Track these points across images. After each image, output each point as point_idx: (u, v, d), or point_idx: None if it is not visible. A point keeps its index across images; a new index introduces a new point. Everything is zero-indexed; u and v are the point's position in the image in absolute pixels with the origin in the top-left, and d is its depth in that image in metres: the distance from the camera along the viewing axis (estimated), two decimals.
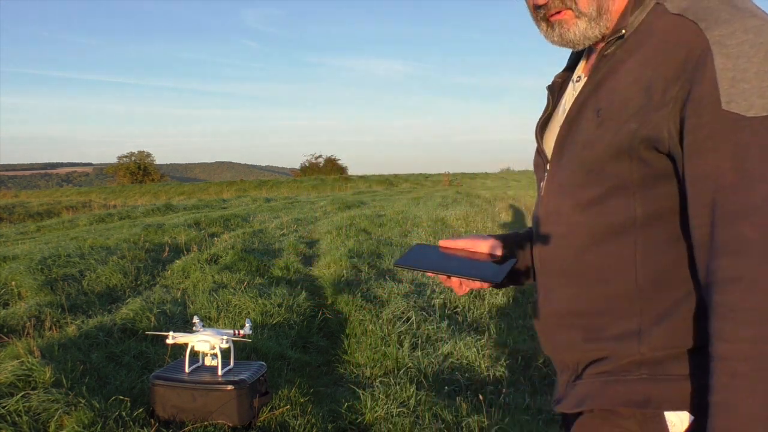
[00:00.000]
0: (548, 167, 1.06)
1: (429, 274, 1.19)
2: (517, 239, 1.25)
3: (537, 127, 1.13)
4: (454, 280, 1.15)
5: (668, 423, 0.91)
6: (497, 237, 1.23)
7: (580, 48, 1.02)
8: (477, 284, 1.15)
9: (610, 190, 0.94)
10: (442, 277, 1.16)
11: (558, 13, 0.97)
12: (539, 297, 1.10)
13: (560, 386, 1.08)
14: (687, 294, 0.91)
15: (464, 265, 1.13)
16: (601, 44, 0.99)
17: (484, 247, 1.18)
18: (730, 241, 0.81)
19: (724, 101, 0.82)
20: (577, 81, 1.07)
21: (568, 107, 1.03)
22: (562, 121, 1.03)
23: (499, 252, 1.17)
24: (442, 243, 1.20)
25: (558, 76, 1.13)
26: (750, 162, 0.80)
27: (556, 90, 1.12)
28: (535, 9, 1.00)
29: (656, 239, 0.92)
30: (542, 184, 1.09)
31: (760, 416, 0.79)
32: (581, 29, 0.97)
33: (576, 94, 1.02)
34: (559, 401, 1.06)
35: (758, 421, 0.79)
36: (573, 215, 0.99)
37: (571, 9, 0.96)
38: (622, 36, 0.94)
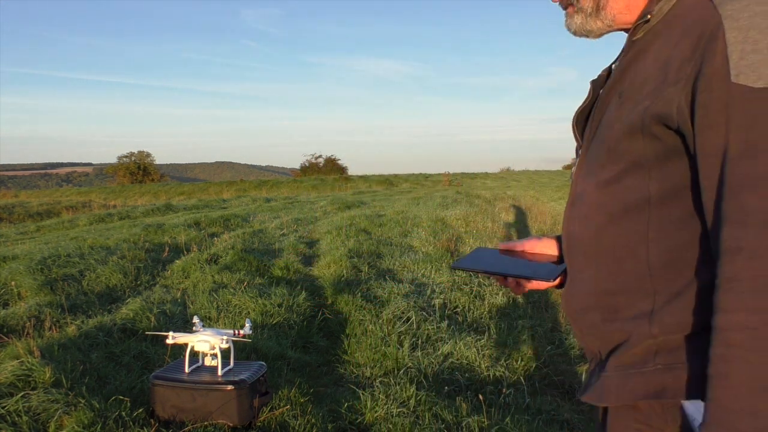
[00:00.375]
0: (580, 152, 1.09)
1: (484, 274, 1.21)
2: None
3: (574, 116, 1.14)
4: (510, 280, 1.17)
5: (687, 411, 0.91)
6: (555, 237, 1.25)
7: (592, 38, 1.07)
8: (534, 284, 1.17)
9: (626, 168, 0.95)
10: (500, 279, 1.19)
11: (568, 6, 1.06)
12: (567, 281, 1.11)
13: (588, 374, 1.09)
14: (699, 275, 0.90)
15: (519, 266, 1.16)
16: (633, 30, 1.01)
17: (542, 247, 1.20)
18: (734, 212, 0.81)
19: (734, 74, 0.82)
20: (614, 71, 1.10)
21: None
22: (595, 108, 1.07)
23: (555, 252, 1.19)
24: (502, 245, 1.24)
25: (604, 70, 1.14)
26: (756, 133, 0.80)
27: (600, 84, 1.12)
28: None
29: (669, 218, 0.93)
30: (573, 168, 1.11)
31: (752, 387, 0.78)
32: (578, 22, 1.05)
33: (608, 82, 1.05)
34: (584, 390, 1.07)
35: (750, 392, 0.78)
36: (594, 195, 1.01)
37: (572, 4, 1.05)
38: (648, 20, 0.96)
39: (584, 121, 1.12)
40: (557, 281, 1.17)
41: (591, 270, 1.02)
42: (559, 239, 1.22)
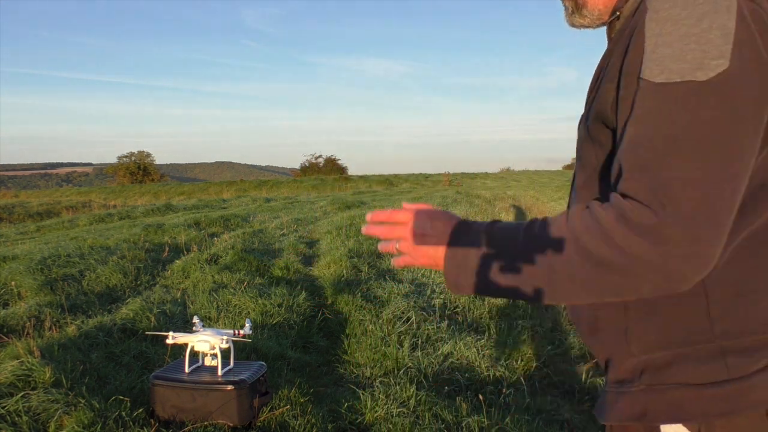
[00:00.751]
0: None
1: None
2: None
3: (580, 119, 1.13)
4: None
5: None
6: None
7: (591, 29, 1.05)
8: None
9: (591, 175, 0.95)
10: None
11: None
12: None
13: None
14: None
15: None
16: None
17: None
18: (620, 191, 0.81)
19: (642, 68, 0.80)
20: None
21: None
22: None
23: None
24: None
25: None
26: (644, 127, 0.78)
27: None
28: None
29: None
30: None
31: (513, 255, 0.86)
32: (567, 18, 1.04)
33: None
34: (593, 404, 1.06)
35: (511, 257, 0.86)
36: (573, 204, 1.00)
37: (563, 0, 1.05)
38: (618, 17, 0.95)
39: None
40: None
41: None
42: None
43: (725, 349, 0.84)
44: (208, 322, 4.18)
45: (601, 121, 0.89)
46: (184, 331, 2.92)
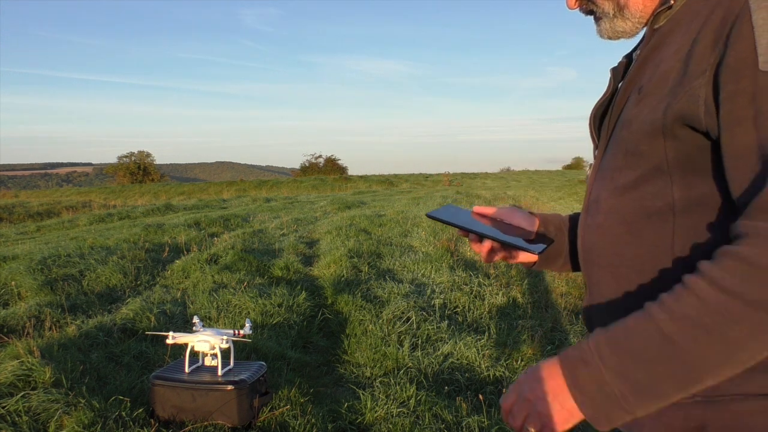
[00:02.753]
0: (596, 153, 1.01)
1: (461, 232, 1.10)
2: (558, 222, 1.15)
3: (592, 112, 1.04)
4: (486, 244, 1.08)
5: None
6: (536, 214, 1.15)
7: (627, 38, 0.99)
8: (522, 256, 1.08)
9: (647, 173, 0.86)
10: (474, 242, 1.09)
11: (590, 13, 1.00)
12: (586, 293, 1.02)
13: None
14: None
15: (501, 232, 1.06)
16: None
17: (519, 220, 1.11)
18: (764, 204, 0.71)
19: (762, 61, 0.73)
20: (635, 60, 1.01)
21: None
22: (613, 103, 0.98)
23: (533, 229, 1.10)
24: (476, 209, 1.13)
25: (625, 57, 1.04)
26: None
27: (620, 71, 1.02)
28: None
29: (696, 228, 0.83)
30: (589, 172, 1.03)
31: (655, 344, 0.75)
32: (606, 27, 0.98)
33: (628, 74, 0.97)
34: None
35: (653, 348, 0.75)
36: (610, 201, 0.92)
37: (593, 12, 0.99)
38: (670, 6, 0.89)
39: (602, 117, 1.03)
40: (539, 255, 1.09)
41: (610, 284, 0.92)
42: (540, 216, 1.14)
43: None
44: (208, 322, 4.18)
45: (686, 121, 0.80)
46: (184, 331, 2.92)
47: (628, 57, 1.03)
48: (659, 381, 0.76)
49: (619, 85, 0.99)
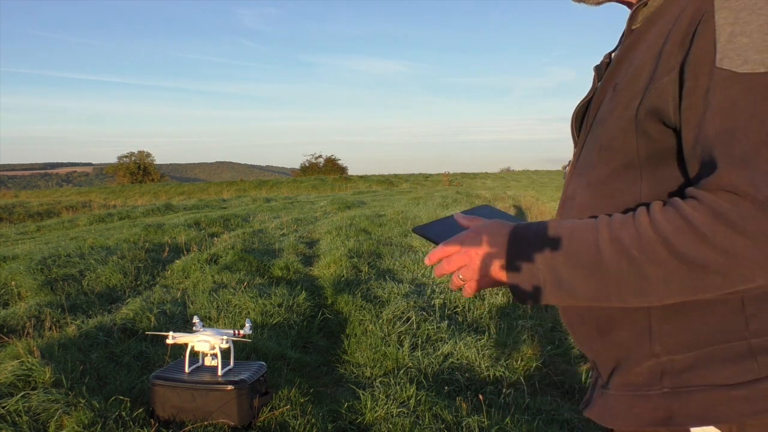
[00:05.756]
0: (575, 151, 1.03)
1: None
2: None
3: (574, 111, 1.07)
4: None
5: None
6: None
7: (590, 4, 1.01)
8: None
9: (618, 169, 0.90)
10: None
11: None
12: None
13: (590, 387, 1.04)
14: None
15: None
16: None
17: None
18: (715, 182, 0.76)
19: (718, 58, 0.77)
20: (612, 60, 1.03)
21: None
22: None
23: None
24: (457, 216, 1.13)
25: (606, 56, 1.07)
26: (734, 119, 0.75)
27: (602, 70, 1.04)
28: None
29: None
30: (568, 168, 1.06)
31: (591, 253, 0.82)
32: None
33: (606, 73, 0.98)
34: (586, 405, 1.02)
35: (588, 253, 0.82)
36: (583, 197, 0.95)
37: None
38: (646, 3, 0.92)
39: (583, 116, 1.06)
40: None
41: None
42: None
43: (754, 348, 0.83)
44: (208, 322, 4.18)
45: (657, 117, 0.84)
46: (184, 331, 2.92)
47: (609, 58, 1.05)
48: (577, 285, 0.84)
49: (598, 84, 1.02)
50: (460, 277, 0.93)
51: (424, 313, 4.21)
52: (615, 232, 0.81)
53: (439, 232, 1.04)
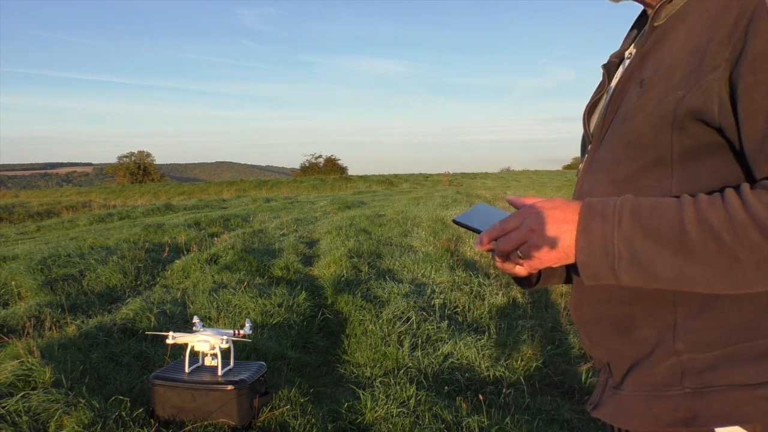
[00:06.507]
0: (589, 147, 1.01)
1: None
2: None
3: (585, 108, 1.06)
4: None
5: None
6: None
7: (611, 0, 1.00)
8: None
9: (647, 165, 0.88)
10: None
11: None
12: (574, 287, 1.02)
13: (598, 387, 1.01)
14: None
15: None
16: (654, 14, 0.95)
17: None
18: None
19: None
20: (628, 57, 1.02)
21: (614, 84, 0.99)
22: (608, 99, 0.99)
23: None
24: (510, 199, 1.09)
25: (614, 55, 1.06)
26: None
27: (612, 69, 1.04)
28: None
29: None
30: (580, 166, 1.03)
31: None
32: None
33: (623, 69, 0.97)
34: (595, 405, 0.99)
35: (670, 232, 0.78)
36: (605, 194, 0.92)
37: None
38: (670, 0, 0.91)
39: (594, 113, 1.05)
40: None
41: None
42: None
43: None
44: (208, 322, 4.18)
45: (698, 117, 0.82)
46: (184, 331, 2.92)
47: (620, 56, 1.04)
48: (657, 264, 0.79)
49: (614, 81, 1.00)
50: (519, 254, 0.88)
51: (424, 313, 4.21)
52: (703, 213, 0.77)
53: (480, 221, 1.03)
